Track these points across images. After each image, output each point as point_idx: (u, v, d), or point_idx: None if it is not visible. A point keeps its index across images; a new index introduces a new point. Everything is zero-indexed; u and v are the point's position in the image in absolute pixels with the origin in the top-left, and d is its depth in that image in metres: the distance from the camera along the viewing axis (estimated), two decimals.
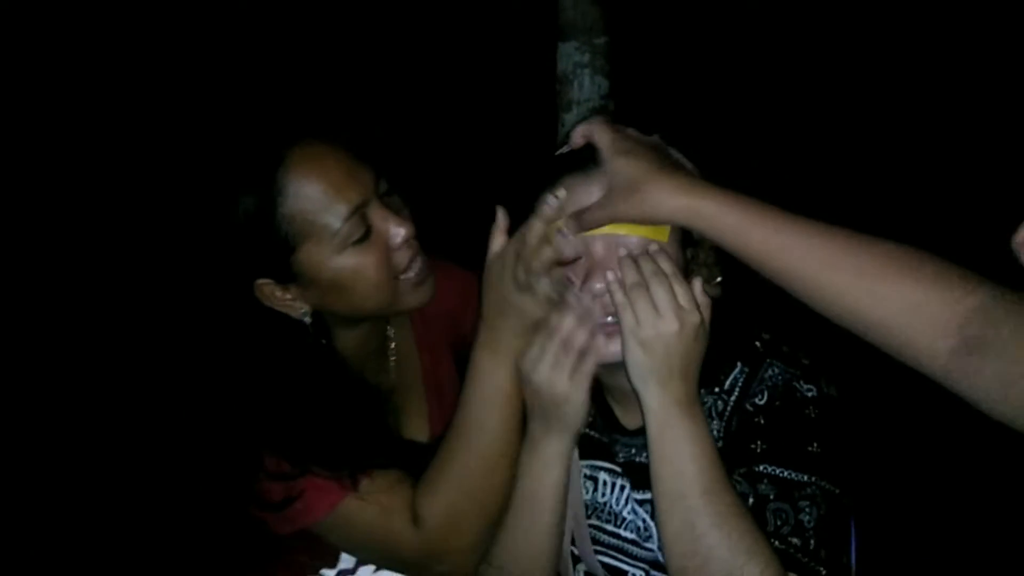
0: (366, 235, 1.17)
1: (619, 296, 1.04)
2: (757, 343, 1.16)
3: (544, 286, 1.09)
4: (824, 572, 1.01)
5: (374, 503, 1.17)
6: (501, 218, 1.15)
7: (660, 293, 1.02)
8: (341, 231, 1.15)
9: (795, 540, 1.02)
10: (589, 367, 1.09)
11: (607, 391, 1.24)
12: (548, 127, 3.06)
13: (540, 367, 1.09)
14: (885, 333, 0.92)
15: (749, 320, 1.19)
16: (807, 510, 1.03)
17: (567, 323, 1.08)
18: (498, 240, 1.14)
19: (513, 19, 4.33)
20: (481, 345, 1.17)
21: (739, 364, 1.16)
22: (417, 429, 1.41)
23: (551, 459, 1.14)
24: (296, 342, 1.22)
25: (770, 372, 1.14)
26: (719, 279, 1.16)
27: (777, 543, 1.01)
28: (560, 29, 2.96)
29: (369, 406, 1.29)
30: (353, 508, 1.17)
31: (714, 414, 1.16)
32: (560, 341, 1.08)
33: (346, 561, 1.31)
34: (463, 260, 1.49)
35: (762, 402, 1.12)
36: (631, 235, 1.08)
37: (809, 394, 1.11)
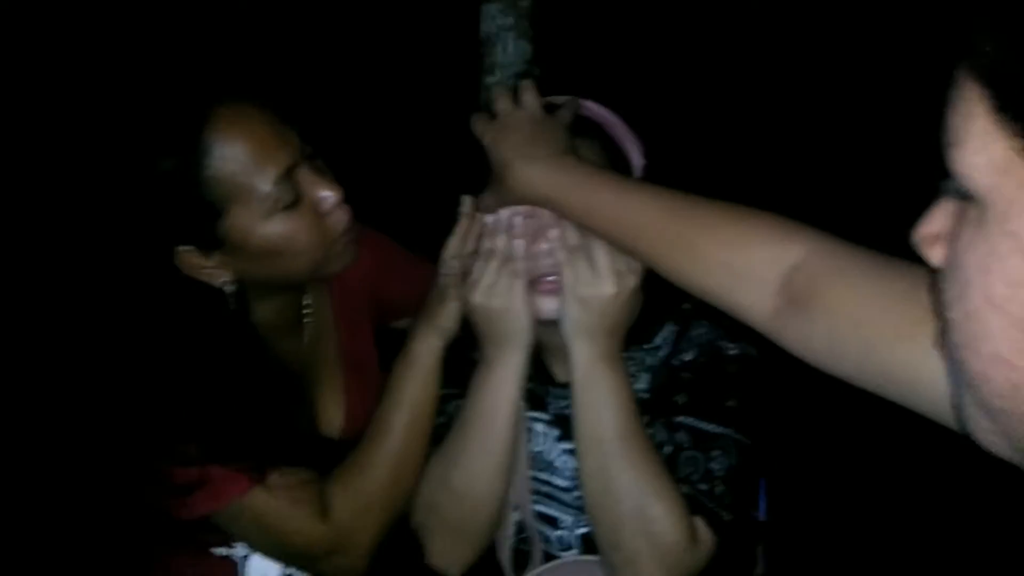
0: (296, 200, 1.12)
1: (561, 255, 1.11)
2: (686, 305, 1.21)
3: (448, 278, 1.17)
4: (727, 517, 1.10)
5: (281, 496, 1.14)
6: (466, 202, 1.18)
7: (600, 256, 1.09)
8: (271, 195, 1.09)
9: (703, 486, 1.10)
10: (522, 276, 1.13)
11: (542, 348, 1.26)
12: (470, 89, 3.01)
13: (479, 288, 1.13)
14: (714, 299, 0.93)
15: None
16: (718, 459, 1.12)
17: (498, 242, 1.13)
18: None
19: None
20: (402, 350, 1.24)
21: (669, 323, 1.24)
22: (333, 403, 1.37)
23: (506, 375, 1.17)
24: (212, 313, 1.16)
25: (697, 331, 1.22)
26: None
27: (686, 488, 1.10)
28: None
29: (283, 388, 1.25)
30: (259, 500, 1.13)
31: (643, 368, 1.24)
32: (494, 260, 1.13)
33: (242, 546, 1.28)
34: (378, 226, 1.46)
35: (688, 358, 1.20)
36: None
37: (731, 352, 1.19)
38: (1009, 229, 0.42)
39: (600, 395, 1.12)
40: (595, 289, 1.09)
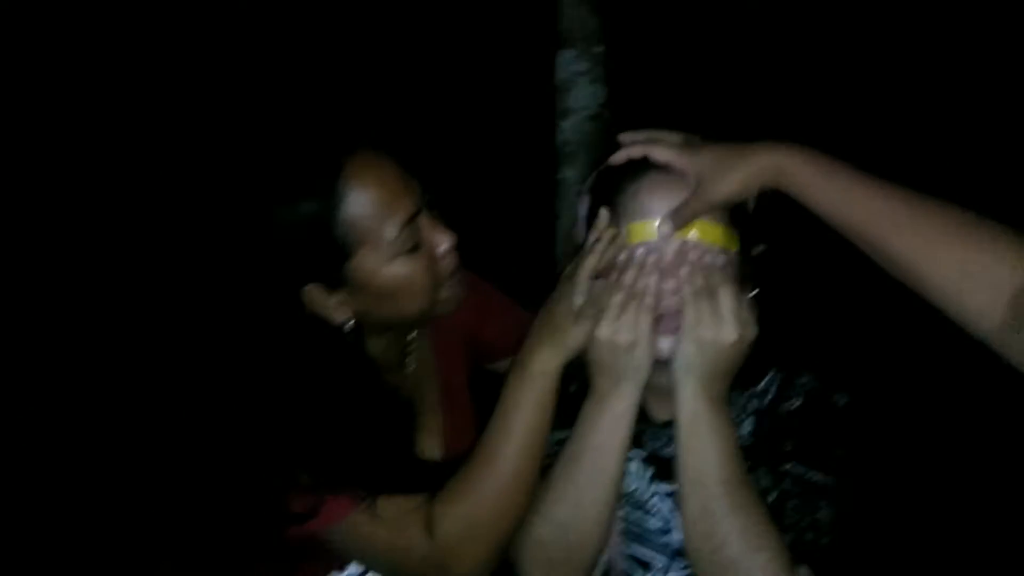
0: (417, 244, 1.19)
1: (686, 292, 1.11)
2: (790, 352, 1.22)
3: (581, 296, 1.15)
4: (834, 566, 1.08)
5: (390, 516, 1.17)
6: (604, 217, 1.20)
7: (726, 301, 1.09)
8: (396, 240, 1.16)
9: (809, 536, 1.09)
10: (651, 312, 1.12)
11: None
12: (545, 134, 3.06)
13: (606, 320, 1.13)
14: (941, 296, 0.92)
15: (783, 330, 1.25)
16: (825, 509, 1.10)
17: (629, 275, 1.13)
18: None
19: (512, 26, 4.34)
20: (514, 366, 1.21)
21: (774, 369, 1.24)
22: (431, 440, 1.40)
23: (620, 412, 1.16)
24: (332, 348, 1.22)
25: (803, 379, 1.22)
26: (755, 291, 1.21)
27: (791, 536, 1.08)
28: (559, 36, 2.96)
29: (399, 420, 1.29)
30: (367, 520, 1.16)
31: (746, 413, 1.24)
32: (623, 292, 1.13)
33: (355, 567, 1.31)
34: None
35: (795, 406, 1.20)
36: (703, 241, 1.14)
37: (840, 402, 1.19)
38: None
39: (705, 438, 1.10)
40: (716, 333, 1.08)
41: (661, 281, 1.13)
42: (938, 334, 1.13)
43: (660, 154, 1.17)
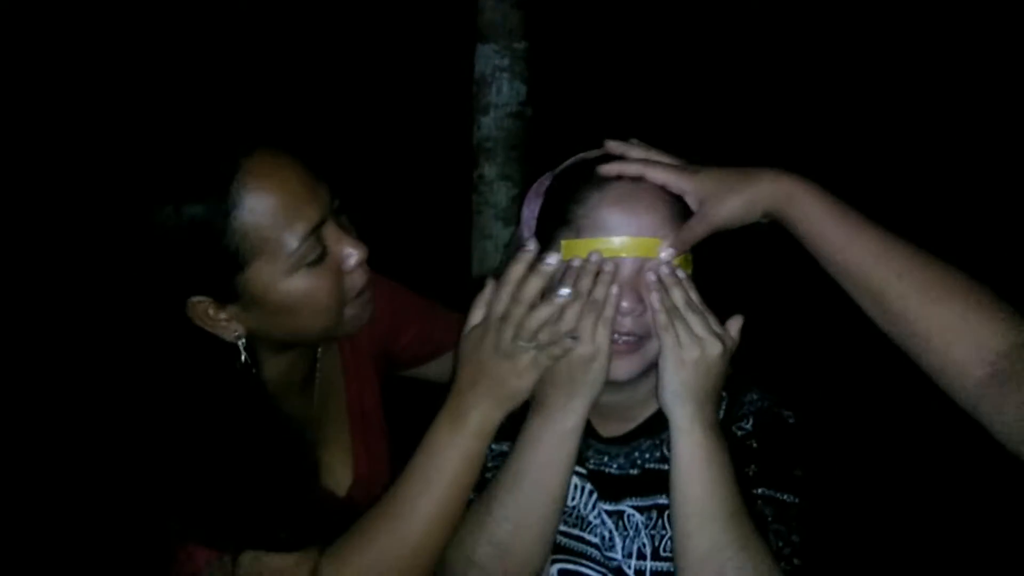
0: (321, 256, 1.07)
1: (662, 317, 1.06)
2: (730, 371, 1.16)
3: (530, 352, 1.05)
4: None
5: (257, 574, 1.04)
6: (488, 289, 1.11)
7: (697, 318, 1.06)
8: (297, 251, 1.04)
9: (796, 561, 1.07)
10: (610, 325, 1.08)
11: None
12: (463, 130, 2.99)
13: (556, 331, 1.06)
14: (925, 347, 0.95)
15: None
16: (797, 530, 1.09)
17: (584, 282, 1.06)
18: (479, 311, 1.09)
19: (431, 20, 4.25)
20: (443, 416, 1.09)
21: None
22: (340, 466, 1.30)
23: (569, 429, 1.10)
24: (220, 368, 1.10)
25: (749, 397, 1.19)
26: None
27: (783, 564, 1.06)
28: (479, 31, 2.90)
29: (291, 454, 1.15)
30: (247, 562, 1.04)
31: None
32: (580, 301, 1.06)
33: None
34: (376, 268, 1.42)
35: (749, 426, 1.17)
36: (657, 260, 1.10)
37: (790, 420, 1.17)
38: None
39: (710, 468, 1.06)
40: (701, 351, 1.05)
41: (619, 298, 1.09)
42: (869, 345, 1.13)
43: (657, 176, 1.12)
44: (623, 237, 1.09)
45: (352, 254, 1.12)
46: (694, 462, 1.06)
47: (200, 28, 4.24)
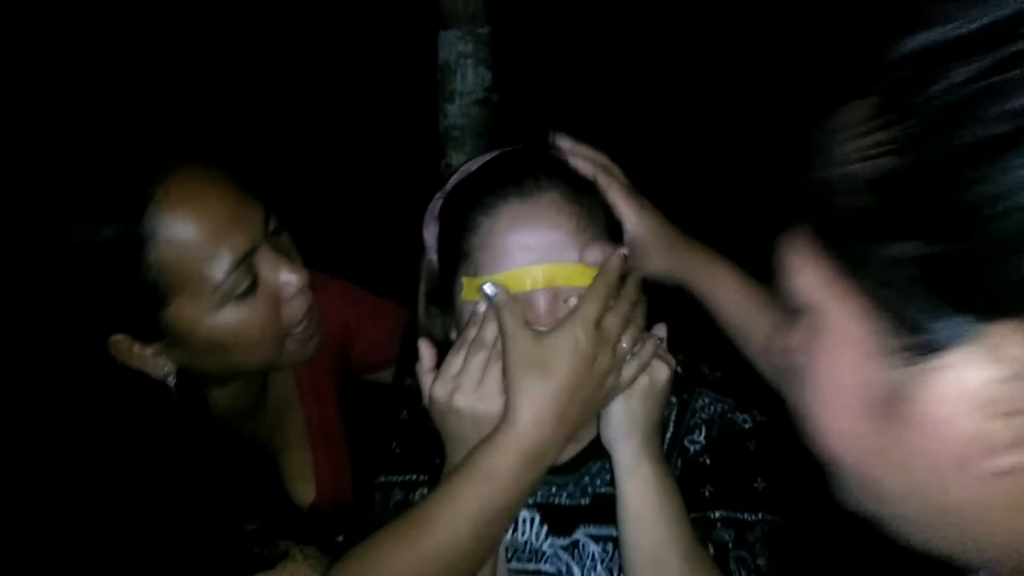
0: (252, 286, 0.97)
1: None
2: (677, 367, 1.06)
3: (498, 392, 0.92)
4: None
5: None
6: (427, 356, 0.99)
7: (644, 345, 0.97)
8: (224, 284, 0.94)
9: None
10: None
11: None
12: (428, 118, 2.94)
13: (464, 385, 0.93)
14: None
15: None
16: (761, 551, 1.00)
17: (488, 332, 0.94)
18: (428, 377, 0.97)
19: (392, 4, 4.16)
20: (453, 471, 0.95)
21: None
22: (301, 478, 1.24)
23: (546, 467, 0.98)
24: (153, 407, 1.00)
25: (701, 402, 1.09)
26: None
27: None
28: (441, 17, 2.84)
29: (241, 486, 1.05)
30: None
31: None
32: (481, 353, 0.94)
33: None
34: (339, 266, 1.36)
35: (701, 438, 1.07)
36: (573, 286, 0.96)
37: (747, 426, 1.07)
38: (832, 329, 0.53)
39: (661, 508, 0.95)
40: (648, 378, 0.96)
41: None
42: None
43: (613, 192, 1.05)
44: (527, 267, 0.94)
45: (290, 281, 1.01)
46: (643, 505, 0.95)
47: (150, 11, 4.11)
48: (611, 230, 1.05)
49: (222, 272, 0.94)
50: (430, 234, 1.12)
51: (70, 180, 0.94)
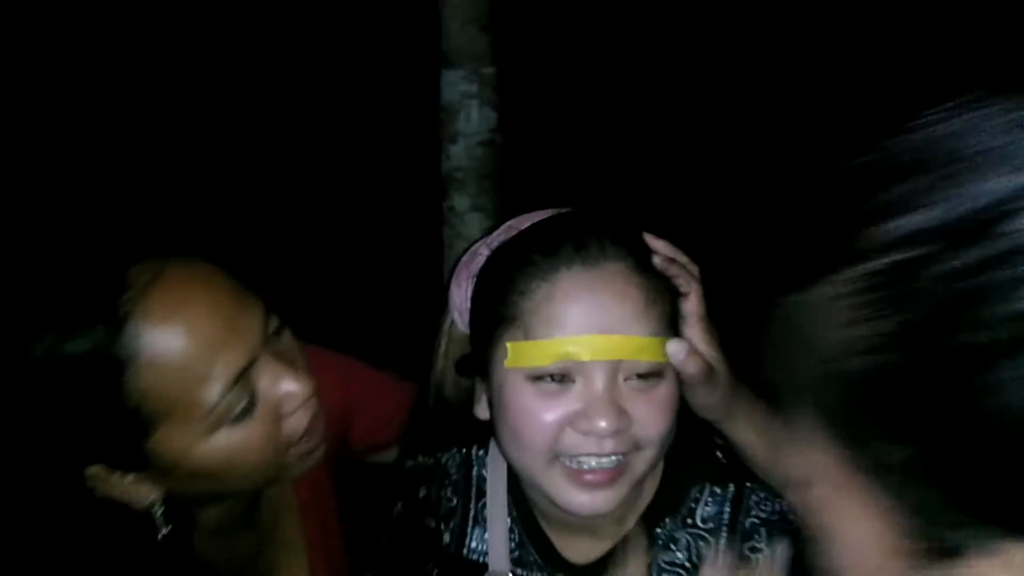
0: (250, 405, 0.84)
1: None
2: (718, 452, 0.98)
3: None
4: None
5: None
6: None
7: None
8: (218, 407, 0.81)
9: None
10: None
11: (546, 520, 0.99)
12: (431, 160, 2.85)
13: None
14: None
15: (702, 432, 1.03)
16: None
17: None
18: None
19: (394, 45, 4.11)
20: None
21: (706, 485, 0.98)
22: None
23: None
24: (135, 542, 0.87)
25: (754, 498, 0.96)
26: None
27: None
28: (444, 56, 2.77)
29: None
30: None
31: (687, 553, 0.95)
32: None
33: None
34: (334, 329, 1.23)
35: (762, 544, 0.94)
36: (640, 359, 0.88)
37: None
38: (841, 512, 0.50)
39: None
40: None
41: (593, 417, 0.86)
42: None
43: (692, 302, 0.96)
44: (592, 336, 0.85)
45: (293, 393, 0.88)
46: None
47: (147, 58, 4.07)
48: (672, 321, 0.95)
49: (216, 394, 0.81)
50: (459, 293, 1.01)
51: (35, 283, 0.81)
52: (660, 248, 0.97)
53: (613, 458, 0.87)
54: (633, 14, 4.52)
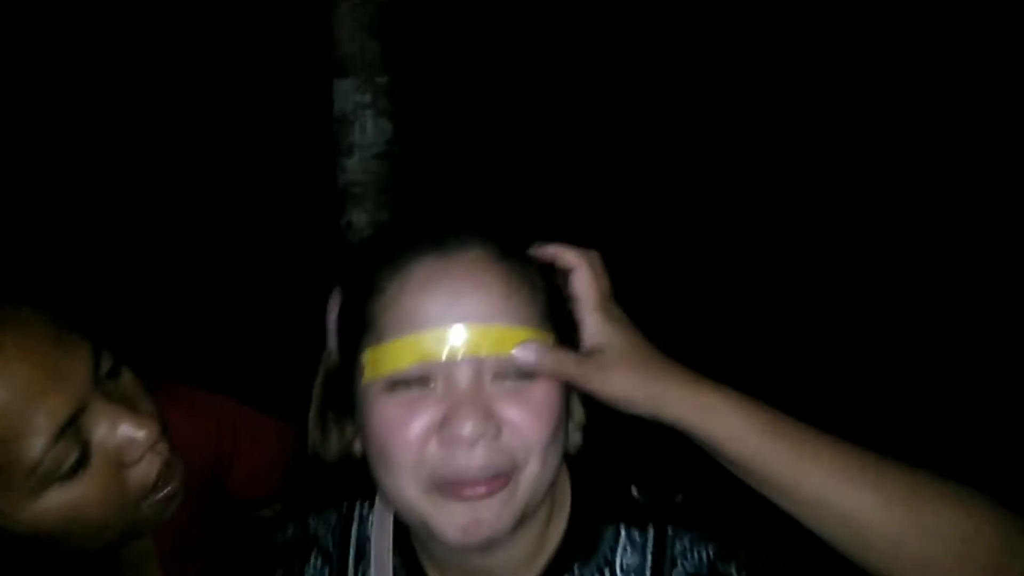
0: (83, 458, 0.74)
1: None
2: (633, 488, 0.88)
3: None
4: None
5: None
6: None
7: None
8: (43, 465, 0.72)
9: None
10: None
11: (427, 556, 0.89)
12: (326, 173, 2.72)
13: None
14: (923, 567, 0.77)
15: (617, 464, 0.93)
16: None
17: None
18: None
19: (285, 54, 3.94)
20: None
21: (622, 527, 0.88)
22: None
23: None
24: None
25: (679, 546, 0.87)
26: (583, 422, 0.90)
27: None
28: (336, 65, 2.65)
29: None
30: None
31: None
32: None
33: None
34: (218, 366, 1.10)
35: None
36: (500, 354, 0.78)
37: None
38: None
39: None
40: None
41: (458, 421, 0.75)
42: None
43: (581, 280, 0.85)
44: (445, 329, 0.76)
45: (135, 439, 0.78)
46: None
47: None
48: (552, 311, 0.84)
49: (38, 449, 0.71)
50: (333, 319, 0.89)
51: None
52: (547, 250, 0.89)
53: (487, 472, 0.76)
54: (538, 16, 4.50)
